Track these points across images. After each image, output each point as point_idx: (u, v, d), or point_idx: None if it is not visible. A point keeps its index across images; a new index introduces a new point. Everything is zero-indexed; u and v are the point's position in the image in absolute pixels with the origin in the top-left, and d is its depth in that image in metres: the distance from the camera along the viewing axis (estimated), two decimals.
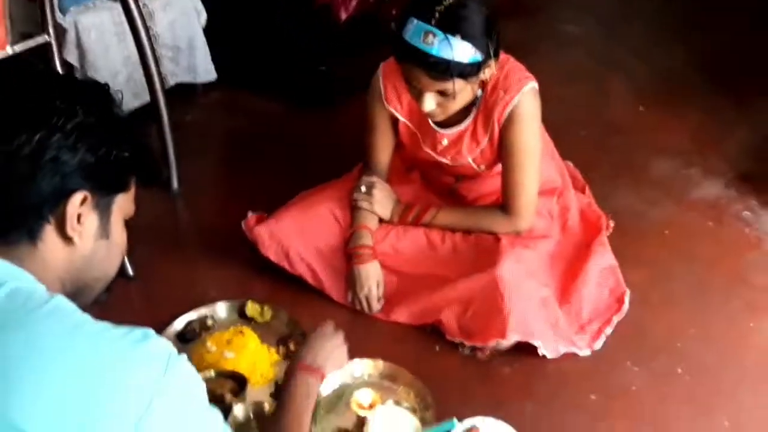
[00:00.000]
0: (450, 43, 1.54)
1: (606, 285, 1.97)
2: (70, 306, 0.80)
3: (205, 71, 2.78)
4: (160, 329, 1.74)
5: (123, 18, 2.38)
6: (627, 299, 1.95)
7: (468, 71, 1.60)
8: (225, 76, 2.86)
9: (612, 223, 2.20)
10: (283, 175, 2.44)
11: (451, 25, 1.55)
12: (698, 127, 2.79)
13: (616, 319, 1.89)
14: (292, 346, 1.73)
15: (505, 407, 1.66)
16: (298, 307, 1.87)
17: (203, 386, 0.84)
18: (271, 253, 1.92)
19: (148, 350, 0.78)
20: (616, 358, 1.82)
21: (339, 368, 1.44)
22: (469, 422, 1.60)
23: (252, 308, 1.84)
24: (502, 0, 3.73)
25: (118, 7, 2.37)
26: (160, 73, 2.29)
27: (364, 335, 1.83)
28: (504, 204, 1.86)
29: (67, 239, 0.86)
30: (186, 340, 1.77)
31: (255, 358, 1.67)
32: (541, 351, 1.74)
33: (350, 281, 1.89)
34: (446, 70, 1.57)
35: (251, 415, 1.56)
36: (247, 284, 1.95)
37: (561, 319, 1.82)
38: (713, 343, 1.88)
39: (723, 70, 3.19)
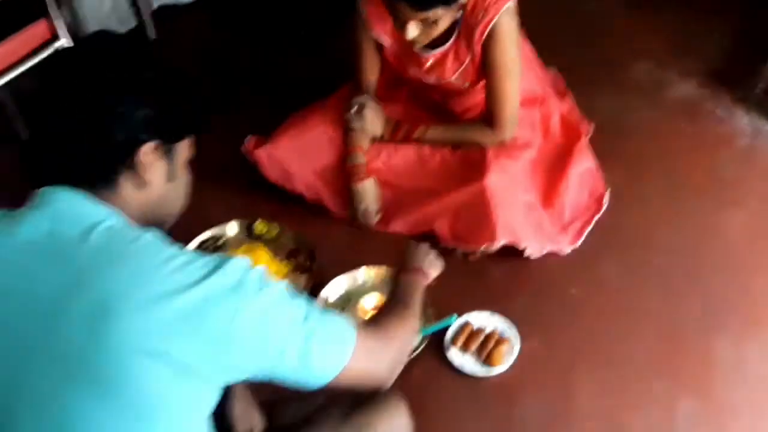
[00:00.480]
0: None
1: (586, 187, 2.12)
2: (159, 239, 0.93)
3: None
4: None
5: None
6: (606, 199, 2.09)
7: None
8: None
9: (591, 126, 2.31)
10: (274, 95, 2.52)
11: None
12: (673, 29, 2.85)
13: (595, 218, 2.05)
14: (301, 259, 1.88)
15: (495, 303, 1.85)
16: (302, 224, 2.01)
17: (282, 282, 0.97)
18: (272, 174, 2.04)
19: (230, 267, 0.90)
20: (596, 255, 1.98)
21: (439, 270, 1.49)
22: (464, 317, 1.79)
23: (260, 226, 1.97)
24: None
25: None
26: None
27: (365, 246, 1.99)
28: (488, 117, 1.97)
29: (141, 184, 0.98)
30: None
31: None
32: (526, 252, 1.89)
33: (349, 198, 2.02)
34: (427, 0, 1.63)
35: None
36: (253, 205, 2.07)
37: (545, 222, 1.97)
38: (685, 236, 2.05)
39: None
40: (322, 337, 0.97)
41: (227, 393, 1.29)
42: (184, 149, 1.05)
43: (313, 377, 0.99)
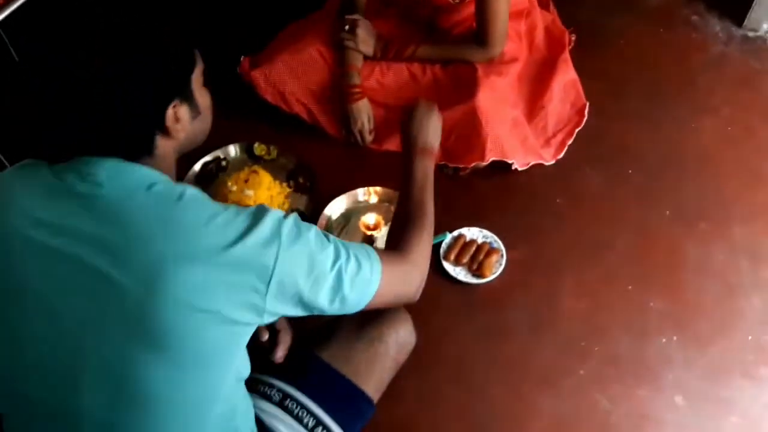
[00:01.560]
0: None
1: (568, 99, 2.21)
2: (199, 196, 0.99)
3: None
4: (181, 173, 1.96)
5: None
6: (586, 111, 2.19)
7: None
8: None
9: (573, 37, 2.37)
10: (261, 9, 2.53)
11: None
12: None
13: (577, 131, 2.16)
14: (300, 180, 1.98)
15: (485, 216, 1.98)
16: (300, 144, 2.09)
17: (313, 228, 1.04)
18: (268, 95, 2.10)
19: (267, 220, 0.98)
20: (577, 165, 2.11)
21: (440, 137, 1.47)
22: (456, 232, 1.93)
23: (259, 148, 2.05)
24: None
25: None
26: None
27: (361, 165, 2.09)
28: (478, 34, 2.02)
29: (173, 138, 1.03)
30: (206, 180, 1.99)
31: (271, 193, 1.92)
32: (513, 166, 2.01)
33: (343, 118, 2.09)
34: None
35: None
36: (252, 128, 2.12)
37: (530, 136, 2.08)
38: (660, 145, 2.18)
39: None
40: (352, 274, 1.08)
41: None
42: (197, 75, 1.07)
43: (348, 308, 1.11)
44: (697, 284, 1.86)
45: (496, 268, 1.86)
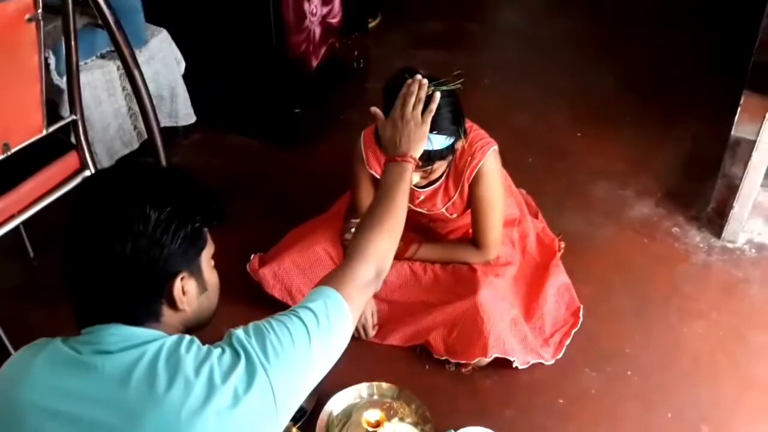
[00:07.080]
0: (429, 139, 1.72)
1: (563, 301, 2.29)
2: (194, 347, 1.05)
3: (186, 115, 2.97)
4: None
5: (112, 75, 2.60)
6: (581, 314, 2.27)
7: (445, 154, 1.89)
8: (203, 117, 3.05)
9: (563, 245, 2.51)
10: (270, 211, 2.69)
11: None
12: (629, 149, 3.12)
13: (573, 332, 2.21)
14: None
15: (488, 415, 1.97)
16: None
17: (275, 325, 1.16)
18: (276, 291, 2.17)
19: (242, 364, 1.08)
20: (576, 366, 2.14)
21: (423, 140, 1.55)
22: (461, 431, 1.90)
23: None
24: (449, 30, 4.07)
25: (108, 65, 2.59)
26: (157, 120, 2.46)
27: (364, 359, 2.10)
28: (475, 241, 2.17)
29: (178, 310, 1.08)
30: None
31: None
32: (514, 364, 2.04)
33: None
34: (427, 159, 1.84)
35: None
36: (256, 318, 2.16)
37: (529, 335, 2.13)
38: (655, 347, 2.22)
39: (646, 93, 3.52)
40: (332, 333, 1.20)
41: None
42: (207, 254, 1.13)
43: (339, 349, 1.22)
44: None
45: None
